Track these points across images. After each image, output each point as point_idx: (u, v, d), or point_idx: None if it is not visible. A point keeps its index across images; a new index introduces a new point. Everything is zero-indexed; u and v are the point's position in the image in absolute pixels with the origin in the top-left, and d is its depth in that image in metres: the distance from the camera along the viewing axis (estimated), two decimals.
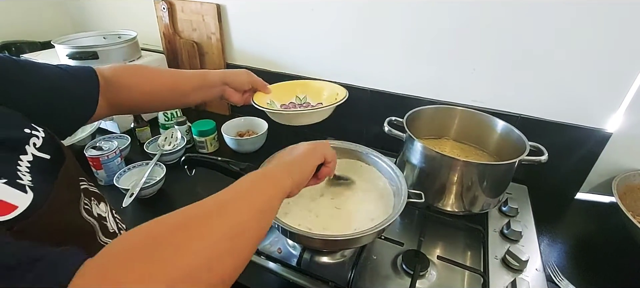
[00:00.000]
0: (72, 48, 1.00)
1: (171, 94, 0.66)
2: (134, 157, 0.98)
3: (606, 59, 0.77)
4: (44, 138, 0.39)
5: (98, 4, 1.36)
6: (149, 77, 0.63)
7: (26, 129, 0.38)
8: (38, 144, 0.38)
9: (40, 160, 0.37)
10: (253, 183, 0.42)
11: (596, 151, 0.85)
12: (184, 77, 0.67)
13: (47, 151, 0.38)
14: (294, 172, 0.49)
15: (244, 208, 0.37)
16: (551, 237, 0.79)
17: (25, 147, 0.36)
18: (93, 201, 0.45)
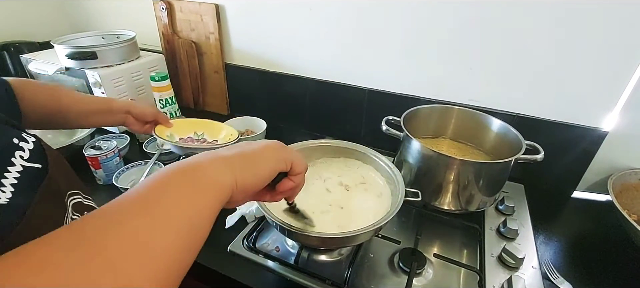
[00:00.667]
0: (71, 48, 1.00)
1: (63, 113, 0.64)
2: (133, 157, 0.98)
3: (602, 58, 0.77)
4: (33, 148, 0.36)
5: (97, 4, 1.36)
6: (49, 93, 0.61)
7: (15, 137, 0.35)
8: (25, 155, 0.35)
9: (31, 170, 0.34)
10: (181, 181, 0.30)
11: (592, 150, 0.86)
12: (86, 100, 0.68)
13: (37, 160, 0.36)
14: (241, 169, 0.35)
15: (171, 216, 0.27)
16: (547, 235, 0.79)
17: (12, 159, 0.33)
18: None
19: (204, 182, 0.32)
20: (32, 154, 0.35)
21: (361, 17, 0.95)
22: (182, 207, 0.29)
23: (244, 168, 0.36)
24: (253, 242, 0.71)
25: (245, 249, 0.70)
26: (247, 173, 0.36)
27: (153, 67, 1.18)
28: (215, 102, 1.31)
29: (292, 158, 0.42)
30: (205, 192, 0.31)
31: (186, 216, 0.29)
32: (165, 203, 0.28)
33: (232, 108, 1.30)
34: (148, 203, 0.28)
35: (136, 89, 1.13)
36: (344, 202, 0.70)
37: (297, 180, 0.43)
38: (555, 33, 0.78)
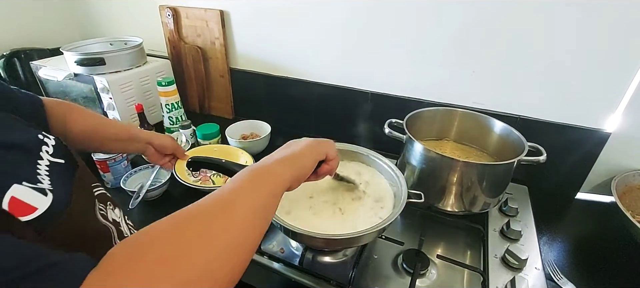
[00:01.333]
0: (80, 54, 1.03)
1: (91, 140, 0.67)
2: (140, 160, 1.00)
3: (604, 59, 0.78)
4: (55, 145, 0.40)
5: (105, 11, 1.39)
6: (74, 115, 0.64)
7: (39, 135, 0.40)
8: (50, 150, 0.39)
9: (56, 164, 0.38)
10: (253, 179, 0.41)
11: (595, 151, 0.86)
12: (108, 126, 0.70)
13: (60, 156, 0.40)
14: (293, 165, 0.47)
15: (246, 208, 0.36)
16: (551, 237, 0.80)
17: (40, 153, 0.37)
18: (109, 206, 0.46)
19: (273, 180, 0.43)
20: (56, 150, 0.40)
21: (364, 21, 0.96)
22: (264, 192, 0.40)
23: (296, 164, 0.48)
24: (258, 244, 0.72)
25: None
26: (298, 167, 0.48)
27: (160, 72, 1.20)
28: (220, 106, 1.32)
29: (326, 150, 0.55)
30: (274, 186, 0.43)
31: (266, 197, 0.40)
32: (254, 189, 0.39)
33: (237, 112, 1.32)
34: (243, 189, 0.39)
35: (143, 94, 1.15)
36: (346, 205, 0.71)
37: (333, 164, 0.58)
38: (557, 35, 0.79)
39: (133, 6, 1.31)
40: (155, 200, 0.87)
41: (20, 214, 0.30)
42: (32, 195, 0.32)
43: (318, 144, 0.54)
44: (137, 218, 0.82)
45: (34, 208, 0.31)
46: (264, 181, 0.42)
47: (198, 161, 0.66)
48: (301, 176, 0.49)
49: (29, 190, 0.32)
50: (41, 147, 0.38)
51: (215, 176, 0.93)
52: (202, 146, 1.04)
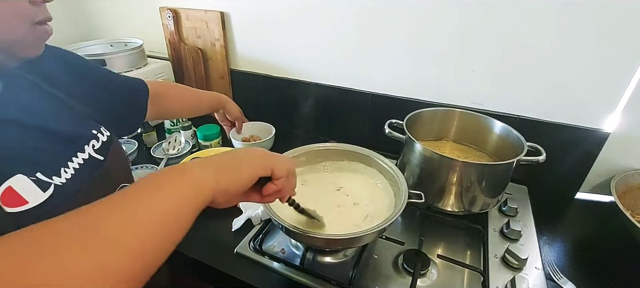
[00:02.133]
0: None
1: (196, 108, 0.89)
2: (141, 161, 1.00)
3: (603, 59, 0.78)
4: (105, 141, 0.43)
5: (105, 13, 1.40)
6: (184, 92, 0.86)
7: (93, 129, 0.42)
8: (97, 145, 0.41)
9: (94, 160, 0.40)
10: (158, 181, 0.33)
11: (594, 151, 0.87)
12: (203, 94, 0.93)
13: (102, 153, 0.42)
14: (222, 173, 0.38)
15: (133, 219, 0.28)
16: (551, 236, 0.80)
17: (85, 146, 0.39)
18: None
19: (188, 181, 0.34)
20: (102, 146, 0.42)
21: (364, 22, 0.97)
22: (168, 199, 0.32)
23: (226, 172, 0.39)
24: (259, 244, 0.72)
25: (252, 251, 0.71)
26: (228, 176, 0.39)
27: (160, 74, 1.20)
28: None
29: (272, 164, 0.44)
30: (187, 189, 0.34)
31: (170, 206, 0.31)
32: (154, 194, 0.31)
33: None
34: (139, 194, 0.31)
35: None
36: (348, 204, 0.71)
37: (280, 184, 0.45)
38: (556, 35, 0.80)
39: (133, 8, 1.31)
40: None
41: (9, 205, 0.30)
42: (30, 188, 0.32)
43: (265, 156, 0.45)
44: None
45: (25, 201, 0.31)
46: (173, 185, 0.33)
47: None
48: (231, 188, 0.39)
49: (30, 183, 0.32)
50: (89, 141, 0.41)
51: None
52: (203, 149, 1.05)
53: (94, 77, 0.54)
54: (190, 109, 0.89)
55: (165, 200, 0.31)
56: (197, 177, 0.35)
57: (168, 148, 1.00)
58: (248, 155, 0.43)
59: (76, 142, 0.39)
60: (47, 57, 0.43)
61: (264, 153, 0.45)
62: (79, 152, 0.38)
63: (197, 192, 0.34)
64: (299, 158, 0.79)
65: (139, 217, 0.29)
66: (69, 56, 0.49)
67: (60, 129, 0.38)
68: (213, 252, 0.72)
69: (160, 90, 0.73)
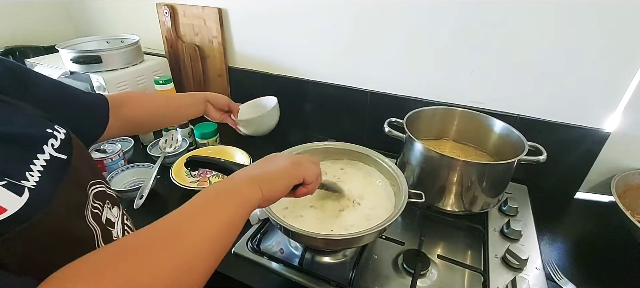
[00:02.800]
0: (76, 52, 1.01)
1: (166, 110, 0.78)
2: (137, 159, 0.99)
3: (604, 58, 0.78)
4: (64, 139, 0.41)
5: (101, 9, 1.38)
6: (148, 97, 0.76)
7: (48, 128, 0.40)
8: (56, 144, 0.39)
9: (56, 160, 0.38)
10: (214, 200, 0.40)
11: (595, 150, 0.86)
12: (176, 96, 0.82)
13: (64, 151, 0.39)
14: (265, 186, 0.45)
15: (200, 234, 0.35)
16: (551, 236, 0.79)
17: (43, 147, 0.37)
18: (106, 204, 0.45)
19: (242, 199, 0.42)
20: (62, 145, 0.40)
21: (363, 19, 0.96)
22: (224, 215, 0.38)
23: (268, 185, 0.46)
24: (257, 244, 0.71)
25: (250, 251, 0.70)
26: (270, 189, 0.46)
27: (157, 71, 1.19)
28: None
29: (304, 173, 0.52)
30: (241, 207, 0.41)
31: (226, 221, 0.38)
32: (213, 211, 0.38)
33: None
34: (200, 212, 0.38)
35: None
36: (347, 204, 0.70)
37: (310, 188, 0.54)
38: (557, 34, 0.79)
39: (130, 4, 1.29)
40: (150, 204, 0.85)
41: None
42: (4, 195, 0.30)
43: (296, 166, 0.51)
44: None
45: (4, 209, 0.30)
46: (228, 201, 0.40)
47: (196, 161, 0.65)
48: (272, 199, 0.47)
49: (3, 190, 0.30)
50: (47, 140, 0.38)
51: (213, 177, 0.93)
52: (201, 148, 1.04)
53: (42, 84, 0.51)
54: (159, 117, 0.78)
55: (224, 217, 0.38)
56: (248, 195, 0.42)
57: (165, 146, 0.98)
58: (283, 169, 0.50)
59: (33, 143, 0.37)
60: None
61: (295, 165, 0.52)
62: (38, 153, 0.36)
63: (247, 208, 0.42)
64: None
65: (207, 230, 0.36)
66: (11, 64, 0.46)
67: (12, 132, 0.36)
68: None
69: (119, 100, 0.67)
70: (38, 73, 0.52)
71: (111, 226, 0.45)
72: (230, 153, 1.00)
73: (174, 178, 0.86)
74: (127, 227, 0.51)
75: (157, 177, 0.86)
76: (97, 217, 0.42)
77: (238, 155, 0.99)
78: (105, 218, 0.44)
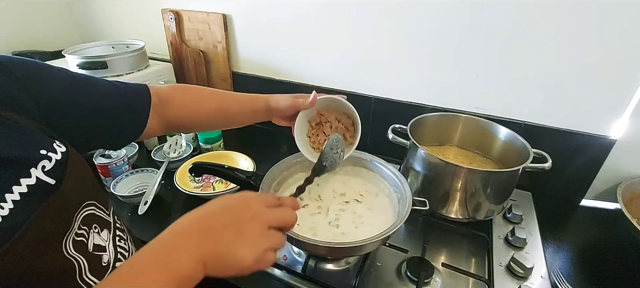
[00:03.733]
0: (82, 58, 1.02)
1: (218, 116, 0.65)
2: (141, 164, 0.99)
3: (610, 65, 0.77)
4: (59, 160, 0.37)
5: (107, 14, 1.39)
6: (198, 98, 0.63)
7: (42, 149, 0.36)
8: (48, 166, 0.36)
9: (42, 185, 0.35)
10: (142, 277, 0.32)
11: (600, 158, 0.85)
12: (236, 101, 0.66)
13: (54, 175, 0.36)
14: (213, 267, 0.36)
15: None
16: (556, 244, 0.79)
17: (30, 170, 0.34)
18: (93, 229, 0.42)
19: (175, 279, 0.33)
20: (54, 168, 0.36)
21: (367, 25, 0.96)
22: None
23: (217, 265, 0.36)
24: None
25: None
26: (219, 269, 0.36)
27: (161, 75, 1.20)
28: None
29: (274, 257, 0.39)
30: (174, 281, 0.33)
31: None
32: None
33: None
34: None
35: None
36: (351, 211, 0.70)
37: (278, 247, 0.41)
38: (562, 40, 0.79)
39: (135, 9, 1.30)
40: (155, 209, 0.86)
41: None
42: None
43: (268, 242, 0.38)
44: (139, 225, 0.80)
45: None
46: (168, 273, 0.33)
47: (200, 166, 0.66)
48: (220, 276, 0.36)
49: None
50: (37, 163, 0.35)
51: (217, 182, 0.93)
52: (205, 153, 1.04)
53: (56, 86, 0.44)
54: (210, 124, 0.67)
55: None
56: (185, 273, 0.34)
57: (169, 151, 0.99)
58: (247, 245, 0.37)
59: (17, 167, 0.33)
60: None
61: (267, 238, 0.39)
62: (22, 177, 0.33)
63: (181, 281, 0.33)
64: (302, 163, 0.78)
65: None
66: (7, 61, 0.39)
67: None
68: None
69: (166, 96, 0.58)
70: (55, 71, 0.45)
71: (101, 250, 0.43)
72: (234, 159, 1.00)
73: (178, 184, 0.87)
74: (120, 248, 0.48)
75: (162, 182, 0.87)
76: (82, 245, 0.40)
77: (242, 161, 0.99)
78: (92, 244, 0.42)
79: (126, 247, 0.50)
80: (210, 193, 0.88)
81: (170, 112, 0.59)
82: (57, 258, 0.36)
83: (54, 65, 0.46)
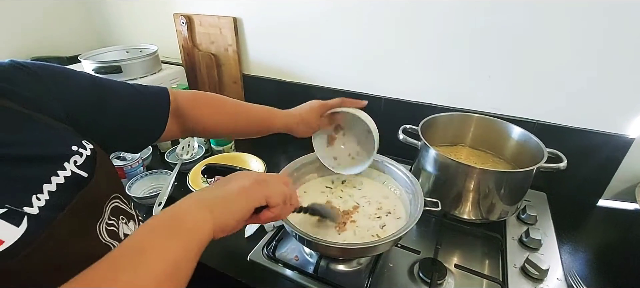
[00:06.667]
0: (97, 63, 1.05)
1: (233, 129, 0.69)
2: (156, 165, 1.01)
3: (626, 61, 0.75)
4: (89, 155, 0.40)
5: (121, 20, 1.42)
6: (221, 110, 0.66)
7: (74, 145, 0.39)
8: (79, 161, 0.39)
9: (76, 177, 0.38)
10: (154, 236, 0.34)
11: (618, 157, 0.84)
12: (247, 115, 0.69)
13: (86, 169, 0.39)
14: (218, 212, 0.39)
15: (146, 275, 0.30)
16: (572, 245, 0.77)
17: (65, 164, 0.37)
18: (121, 220, 0.44)
19: (184, 229, 0.35)
20: (85, 162, 0.40)
21: (377, 26, 0.96)
22: (164, 255, 0.32)
23: (221, 211, 0.39)
24: (272, 251, 0.72)
25: (265, 258, 0.71)
26: (223, 214, 0.39)
27: (174, 79, 1.22)
28: None
29: (267, 194, 0.44)
30: (185, 238, 0.35)
31: (169, 262, 0.32)
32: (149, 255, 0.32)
33: None
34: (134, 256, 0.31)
35: None
36: (362, 212, 0.70)
37: (276, 211, 0.46)
38: (576, 37, 0.77)
39: (148, 14, 1.33)
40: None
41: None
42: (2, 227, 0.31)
43: (258, 185, 0.44)
44: None
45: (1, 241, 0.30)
46: (171, 235, 0.34)
47: (213, 168, 0.66)
48: (226, 226, 0.40)
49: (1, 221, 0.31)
50: (70, 158, 0.38)
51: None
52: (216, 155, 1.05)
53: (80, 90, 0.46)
54: (226, 134, 0.72)
55: (169, 256, 0.32)
56: (195, 223, 0.36)
57: (182, 153, 1.00)
58: (241, 188, 0.43)
59: (53, 163, 0.36)
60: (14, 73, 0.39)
61: (257, 182, 0.44)
62: (58, 170, 0.36)
63: (196, 239, 0.35)
64: (314, 164, 0.78)
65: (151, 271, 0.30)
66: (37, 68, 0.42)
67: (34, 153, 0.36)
68: (225, 259, 0.71)
69: (184, 104, 0.60)
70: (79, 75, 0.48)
71: None
72: (245, 160, 1.01)
73: (191, 185, 0.88)
74: None
75: (175, 183, 0.88)
76: (114, 234, 0.42)
77: (253, 162, 1.00)
78: (123, 233, 0.44)
79: None
80: None
81: (190, 118, 0.61)
82: (95, 243, 0.39)
83: (77, 70, 0.48)
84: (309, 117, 0.71)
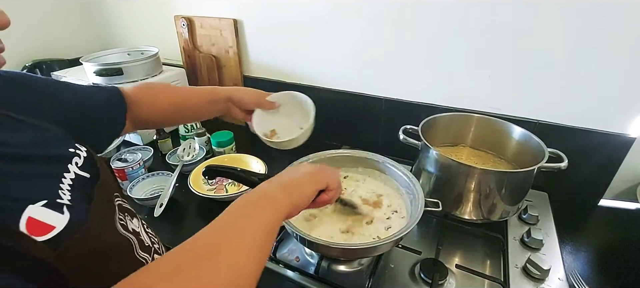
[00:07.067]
0: (99, 65, 1.05)
1: (181, 111, 0.70)
2: (157, 167, 1.02)
3: (627, 59, 0.75)
4: (86, 157, 0.41)
5: (122, 22, 1.43)
6: (161, 95, 0.67)
7: (70, 148, 0.41)
8: (80, 162, 0.40)
9: (81, 178, 0.39)
10: (250, 208, 0.41)
11: (619, 157, 0.83)
12: (192, 93, 0.71)
13: (87, 170, 0.40)
14: (292, 193, 0.46)
15: (242, 242, 0.35)
16: (574, 245, 0.77)
17: (69, 166, 0.38)
18: (127, 216, 0.46)
19: (273, 208, 0.42)
20: (85, 163, 0.41)
21: (377, 26, 0.96)
22: (261, 221, 0.39)
23: (295, 192, 0.47)
24: (273, 252, 0.72)
25: None
26: (297, 195, 0.47)
27: (175, 81, 1.22)
28: None
29: (327, 180, 0.53)
30: (274, 213, 0.42)
31: (263, 227, 0.39)
32: (250, 218, 0.39)
33: None
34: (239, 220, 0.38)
35: None
36: (363, 212, 0.70)
37: (331, 194, 0.55)
38: (577, 36, 0.77)
39: (149, 17, 1.34)
40: (170, 211, 0.87)
41: (38, 234, 0.30)
42: (49, 214, 0.32)
43: (320, 172, 0.54)
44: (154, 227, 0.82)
45: (52, 227, 0.31)
46: (261, 210, 0.41)
47: (214, 169, 0.67)
48: (300, 204, 0.48)
49: (46, 209, 0.32)
50: (72, 159, 0.39)
51: (230, 185, 0.94)
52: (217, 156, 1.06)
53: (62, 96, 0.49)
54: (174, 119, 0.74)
55: (259, 226, 0.38)
56: (278, 202, 0.43)
57: (183, 154, 1.00)
58: (307, 174, 0.51)
59: (60, 163, 0.38)
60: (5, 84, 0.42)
61: (318, 170, 0.54)
62: (65, 172, 0.37)
63: (279, 215, 0.42)
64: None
65: (244, 243, 0.35)
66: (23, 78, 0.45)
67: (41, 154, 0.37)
68: None
69: (132, 98, 0.61)
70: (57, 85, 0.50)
71: (139, 235, 0.47)
72: (246, 162, 1.01)
73: (192, 187, 0.88)
74: (150, 235, 0.52)
75: (176, 185, 0.88)
76: (126, 227, 0.44)
77: (253, 164, 1.00)
78: (131, 228, 0.46)
79: (154, 234, 0.54)
80: (223, 195, 0.89)
81: (138, 111, 0.62)
82: (115, 239, 0.40)
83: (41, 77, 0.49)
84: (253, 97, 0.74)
